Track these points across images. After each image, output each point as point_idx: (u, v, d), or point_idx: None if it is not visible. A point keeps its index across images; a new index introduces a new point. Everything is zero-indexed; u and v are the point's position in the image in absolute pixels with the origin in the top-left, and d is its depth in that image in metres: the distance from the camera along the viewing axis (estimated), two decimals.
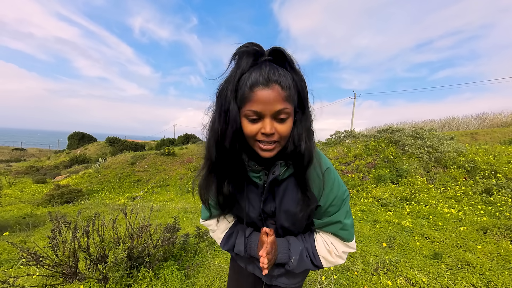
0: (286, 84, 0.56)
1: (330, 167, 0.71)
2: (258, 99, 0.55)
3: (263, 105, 0.55)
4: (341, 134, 9.82)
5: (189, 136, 22.22)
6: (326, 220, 0.73)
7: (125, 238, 2.01)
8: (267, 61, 0.57)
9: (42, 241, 3.23)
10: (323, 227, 0.76)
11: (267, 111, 0.56)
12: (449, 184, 4.93)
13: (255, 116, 0.57)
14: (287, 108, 0.56)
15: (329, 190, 0.70)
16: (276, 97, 0.55)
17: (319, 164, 0.68)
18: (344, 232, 0.74)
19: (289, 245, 0.78)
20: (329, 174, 0.70)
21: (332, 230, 0.75)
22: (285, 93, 0.55)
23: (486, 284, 2.06)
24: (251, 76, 0.55)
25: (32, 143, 48.83)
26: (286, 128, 0.58)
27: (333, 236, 0.76)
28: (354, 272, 2.29)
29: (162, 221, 4.20)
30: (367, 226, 3.67)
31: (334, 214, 0.72)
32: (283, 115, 0.57)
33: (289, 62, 0.59)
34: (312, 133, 0.65)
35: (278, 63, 0.58)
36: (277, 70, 0.56)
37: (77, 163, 15.72)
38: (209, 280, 2.14)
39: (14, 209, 6.14)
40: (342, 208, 0.73)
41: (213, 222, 0.88)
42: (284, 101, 0.56)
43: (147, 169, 12.24)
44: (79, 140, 24.26)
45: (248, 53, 0.57)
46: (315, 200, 0.69)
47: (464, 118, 12.76)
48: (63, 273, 1.66)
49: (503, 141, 7.33)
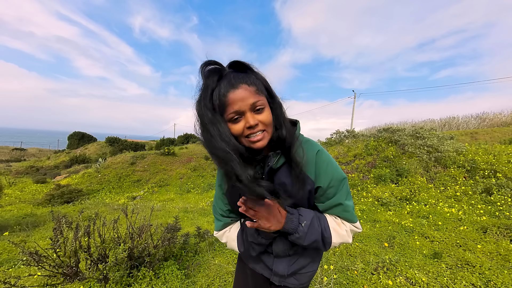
0: (251, 82, 0.64)
1: (321, 150, 0.76)
2: (234, 101, 0.62)
3: (240, 103, 0.62)
4: (341, 134, 9.82)
5: (189, 135, 22.21)
6: (328, 202, 0.76)
7: (126, 238, 2.01)
8: (230, 72, 0.65)
9: (42, 241, 3.23)
10: (327, 211, 0.79)
11: (245, 107, 0.63)
12: (449, 183, 4.93)
13: (237, 115, 0.64)
14: (260, 99, 0.64)
15: (324, 170, 0.74)
16: (246, 93, 0.63)
17: (311, 147, 0.75)
18: (347, 214, 0.78)
19: (299, 210, 0.77)
20: (321, 155, 0.75)
21: (335, 213, 0.78)
22: (253, 88, 0.64)
23: (485, 284, 2.07)
24: (220, 87, 0.63)
25: (32, 143, 48.81)
26: (266, 116, 0.66)
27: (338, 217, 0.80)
28: (354, 271, 2.30)
29: (162, 221, 4.21)
30: (367, 226, 3.68)
31: (334, 196, 0.75)
32: (259, 106, 0.64)
33: (248, 67, 0.67)
34: (285, 118, 0.72)
35: (239, 72, 0.66)
36: (239, 75, 0.65)
37: (77, 163, 15.71)
38: (209, 279, 2.15)
39: (14, 209, 6.15)
40: (342, 190, 0.76)
41: (227, 229, 0.92)
42: (255, 94, 0.64)
43: (147, 169, 12.24)
44: (79, 140, 24.25)
45: (212, 71, 0.65)
46: (311, 181, 0.74)
47: (464, 118, 12.75)
48: (63, 273, 1.66)
49: (503, 140, 7.34)
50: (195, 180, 11.23)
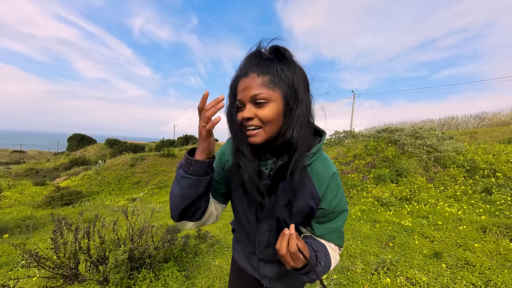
0: (265, 71, 0.58)
1: (337, 173, 0.72)
2: (240, 89, 0.61)
3: (242, 93, 0.60)
4: (340, 134, 9.83)
5: (188, 137, 22.21)
6: (327, 227, 0.73)
7: (126, 240, 2.01)
8: (266, 59, 0.61)
9: (42, 243, 3.22)
10: (325, 234, 0.74)
11: (245, 98, 0.60)
12: (449, 183, 4.94)
13: (240, 104, 0.62)
14: (263, 93, 0.58)
15: (333, 195, 0.70)
16: (250, 83, 0.58)
17: (330, 167, 0.70)
18: (340, 241, 0.76)
19: (313, 245, 0.67)
20: (336, 179, 0.71)
21: (331, 239, 0.74)
22: (262, 78, 0.58)
23: (485, 283, 2.07)
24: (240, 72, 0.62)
25: (31, 145, 48.75)
26: (266, 112, 0.58)
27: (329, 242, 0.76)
28: (354, 272, 2.29)
29: (162, 222, 4.20)
30: (367, 226, 3.68)
31: (335, 223, 0.73)
32: (260, 100, 0.58)
33: (285, 57, 0.61)
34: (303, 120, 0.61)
35: (277, 60, 0.61)
36: (262, 64, 0.59)
37: (77, 165, 15.70)
38: (209, 281, 2.15)
39: (14, 211, 6.13)
40: (342, 219, 0.74)
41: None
42: (260, 86, 0.58)
43: (147, 170, 12.24)
44: (78, 142, 24.25)
45: (251, 55, 0.63)
46: (318, 198, 0.69)
47: (463, 118, 12.77)
48: (63, 275, 1.66)
49: (502, 140, 7.34)
50: None
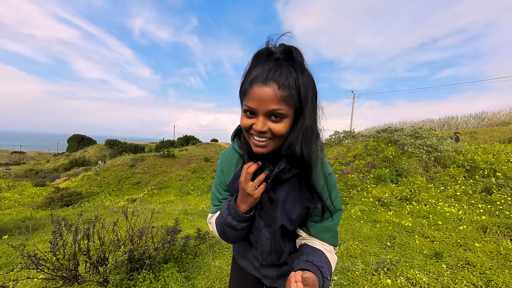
0: (285, 84, 0.54)
1: (332, 173, 0.75)
2: (254, 96, 0.55)
3: (258, 103, 0.55)
4: (340, 135, 9.83)
5: (188, 137, 22.20)
6: (322, 225, 0.74)
7: (126, 241, 2.01)
8: (276, 59, 0.57)
9: (41, 245, 3.22)
10: (319, 233, 0.74)
11: (261, 109, 0.55)
12: (449, 183, 4.94)
13: (250, 111, 0.58)
14: (282, 109, 0.54)
15: (329, 194, 0.72)
16: (271, 96, 0.53)
17: (324, 166, 0.71)
18: (335, 240, 0.76)
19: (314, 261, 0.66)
20: (331, 179, 0.73)
21: (326, 238, 0.75)
22: (282, 93, 0.53)
23: (486, 283, 2.06)
24: (255, 71, 0.57)
25: (31, 146, 48.73)
26: (280, 128, 0.57)
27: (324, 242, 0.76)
28: (355, 272, 2.29)
29: (162, 223, 4.19)
30: (367, 226, 3.67)
31: (330, 222, 0.75)
32: (277, 115, 0.56)
33: (297, 62, 0.57)
34: (311, 136, 0.60)
35: (288, 61, 0.57)
36: (279, 69, 0.55)
37: (77, 166, 15.69)
38: (209, 282, 2.14)
39: (14, 212, 6.13)
40: (337, 218, 0.76)
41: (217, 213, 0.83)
42: (280, 101, 0.54)
43: (146, 171, 12.23)
44: (78, 143, 24.24)
45: (259, 54, 0.59)
46: (321, 198, 0.69)
47: (463, 118, 12.80)
48: (63, 276, 1.66)
49: (502, 140, 7.35)
50: (195, 182, 11.23)
